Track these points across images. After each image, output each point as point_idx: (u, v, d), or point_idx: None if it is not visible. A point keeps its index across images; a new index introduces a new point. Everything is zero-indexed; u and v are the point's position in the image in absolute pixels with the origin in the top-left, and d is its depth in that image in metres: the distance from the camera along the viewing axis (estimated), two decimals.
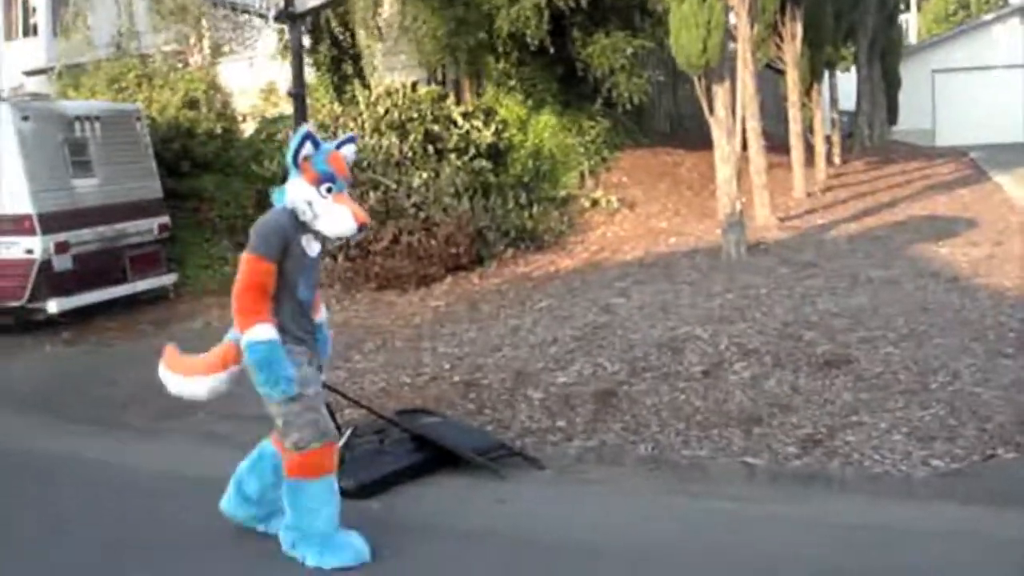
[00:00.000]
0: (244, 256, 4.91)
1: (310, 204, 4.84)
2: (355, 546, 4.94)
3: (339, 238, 5.14)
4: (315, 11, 6.61)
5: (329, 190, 4.86)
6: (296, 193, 4.87)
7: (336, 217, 4.86)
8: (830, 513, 5.67)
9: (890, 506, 5.72)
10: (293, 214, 4.89)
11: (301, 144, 4.87)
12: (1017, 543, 5.06)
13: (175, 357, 5.40)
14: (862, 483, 6.05)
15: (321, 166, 4.87)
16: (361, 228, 4.94)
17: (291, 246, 4.88)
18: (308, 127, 5.05)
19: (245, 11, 6.49)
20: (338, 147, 5.12)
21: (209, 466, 6.92)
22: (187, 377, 5.28)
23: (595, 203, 15.16)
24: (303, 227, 4.91)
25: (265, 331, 4.75)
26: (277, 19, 5.87)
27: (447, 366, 8.62)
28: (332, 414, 5.34)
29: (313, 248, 4.98)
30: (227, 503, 5.40)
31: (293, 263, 4.91)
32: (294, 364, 4.85)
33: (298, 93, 6.04)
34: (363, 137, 14.12)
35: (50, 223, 10.96)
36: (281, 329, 4.85)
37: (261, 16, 5.44)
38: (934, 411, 6.77)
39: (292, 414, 4.89)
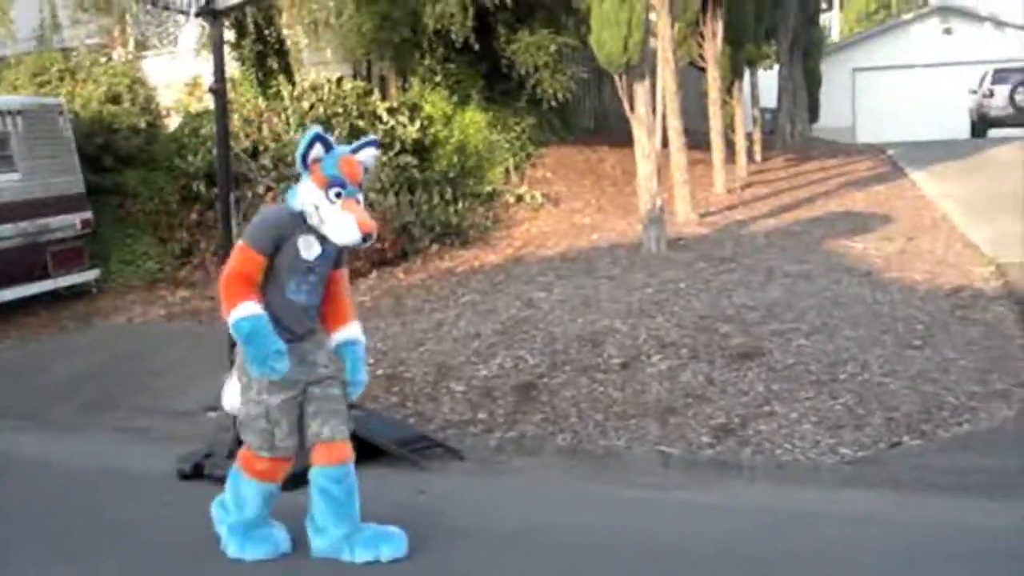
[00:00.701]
0: (236, 244, 4.87)
1: (317, 208, 4.72)
2: (276, 539, 5.01)
3: (345, 246, 4.89)
4: (238, 8, 6.63)
5: (338, 195, 4.72)
6: (304, 195, 4.76)
7: (341, 224, 4.70)
8: (741, 499, 5.87)
9: (799, 492, 5.95)
10: (300, 214, 4.76)
11: (310, 146, 4.74)
12: (918, 527, 5.29)
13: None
14: (772, 471, 6.26)
15: (331, 170, 4.73)
16: (366, 238, 4.76)
17: (285, 244, 4.76)
18: (317, 128, 4.88)
19: (166, 7, 6.43)
20: (355, 151, 4.96)
21: (132, 460, 7.01)
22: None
23: (519, 199, 15.29)
24: (308, 228, 4.78)
25: (249, 307, 4.64)
26: (198, 15, 5.87)
27: (371, 360, 8.64)
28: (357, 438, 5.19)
29: (311, 251, 4.80)
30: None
31: (285, 262, 4.79)
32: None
33: (219, 89, 6.07)
34: (288, 132, 14.14)
35: None
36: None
37: (183, 12, 5.42)
38: (843, 401, 7.01)
39: (248, 417, 4.89)
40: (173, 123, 16.60)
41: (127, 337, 10.57)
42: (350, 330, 5.16)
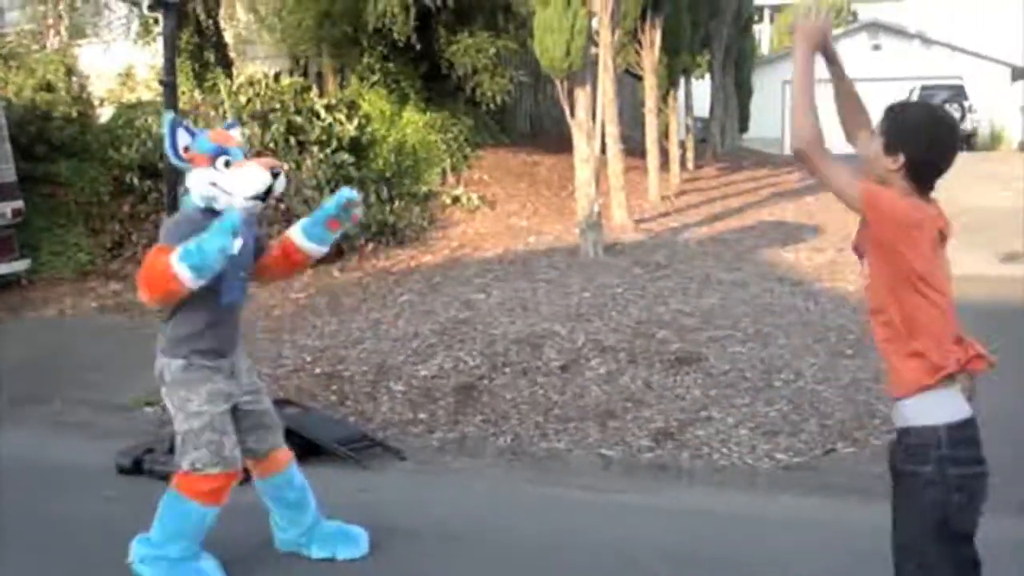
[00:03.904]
0: (151, 250, 4.49)
1: (214, 184, 4.44)
2: (203, 572, 4.66)
3: (256, 197, 4.46)
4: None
5: (227, 163, 4.48)
6: (197, 183, 4.49)
7: (247, 177, 4.44)
8: (680, 502, 5.98)
9: (735, 496, 6.06)
10: (207, 211, 4.47)
11: (173, 135, 4.52)
12: (853, 532, 5.39)
13: None
14: (710, 474, 6.37)
15: (206, 145, 4.51)
16: (276, 174, 4.48)
17: None
18: (171, 115, 4.72)
19: None
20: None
21: (67, 454, 6.92)
22: None
23: (456, 200, 15.31)
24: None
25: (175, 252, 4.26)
26: (151, 8, 5.79)
27: (308, 358, 8.68)
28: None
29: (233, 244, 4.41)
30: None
31: None
32: (205, 380, 4.53)
33: (169, 82, 6.02)
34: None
35: None
36: (198, 339, 4.53)
37: (135, 4, 5.33)
38: (778, 407, 7.14)
39: (193, 432, 4.53)
40: (104, 113, 16.35)
41: (58, 330, 10.42)
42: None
